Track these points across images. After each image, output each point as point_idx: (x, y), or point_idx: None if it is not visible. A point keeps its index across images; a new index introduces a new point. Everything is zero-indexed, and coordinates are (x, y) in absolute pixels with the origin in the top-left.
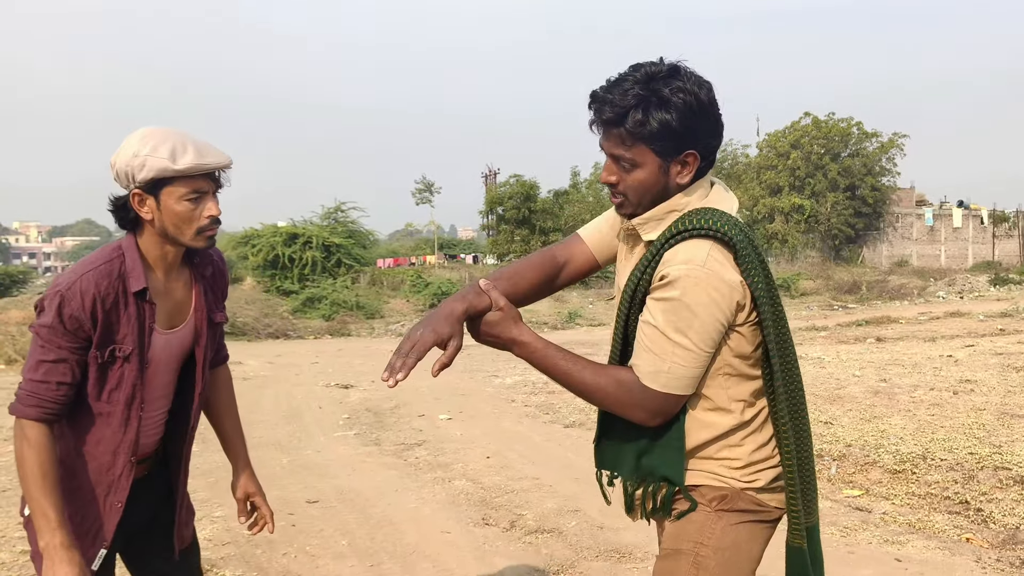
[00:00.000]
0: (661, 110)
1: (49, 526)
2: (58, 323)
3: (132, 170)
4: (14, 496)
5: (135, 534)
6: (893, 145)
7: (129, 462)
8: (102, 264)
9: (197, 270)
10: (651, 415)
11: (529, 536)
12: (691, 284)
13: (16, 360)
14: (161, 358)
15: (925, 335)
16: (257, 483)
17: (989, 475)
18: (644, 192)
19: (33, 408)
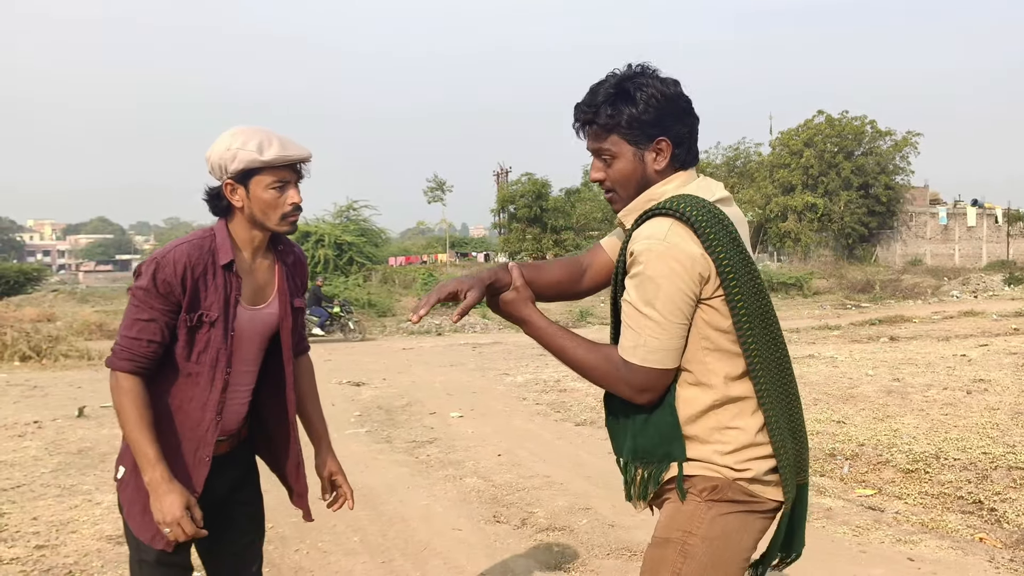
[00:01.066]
0: (627, 103)
1: (150, 463)
2: (152, 286)
3: (225, 162)
4: (29, 492)
5: (212, 507)
6: (907, 143)
7: (215, 419)
8: (195, 240)
9: (281, 256)
10: (636, 390)
11: (540, 534)
12: (653, 257)
13: (30, 357)
14: (246, 331)
15: (939, 334)
16: (338, 463)
17: (1003, 475)
18: (627, 181)
19: (126, 362)
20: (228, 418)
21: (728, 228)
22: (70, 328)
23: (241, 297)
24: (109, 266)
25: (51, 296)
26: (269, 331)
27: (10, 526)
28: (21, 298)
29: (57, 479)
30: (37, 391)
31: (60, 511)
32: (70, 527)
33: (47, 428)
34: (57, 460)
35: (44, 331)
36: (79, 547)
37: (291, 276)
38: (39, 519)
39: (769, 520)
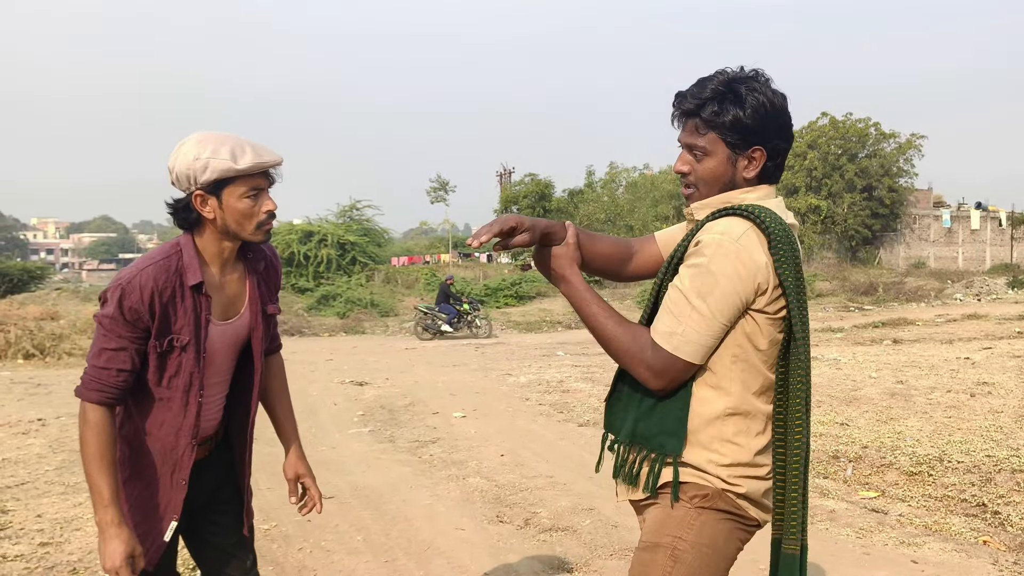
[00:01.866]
0: (735, 105)
1: (102, 503)
2: (119, 314)
3: (194, 172)
4: (33, 489)
5: (195, 512)
6: (911, 146)
7: (190, 443)
8: (161, 260)
9: (250, 264)
10: (655, 375)
11: (543, 534)
12: (720, 253)
13: (34, 355)
14: (218, 347)
15: (942, 337)
16: (307, 465)
17: (1007, 478)
18: (713, 182)
19: (95, 392)
20: (205, 424)
21: (796, 251)
22: (73, 326)
23: (212, 315)
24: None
25: (54, 294)
26: (241, 341)
27: (14, 523)
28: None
29: (61, 476)
30: (41, 389)
31: (64, 508)
32: (74, 524)
33: (51, 426)
34: (61, 458)
35: (47, 329)
36: (83, 544)
37: (263, 283)
38: (43, 516)
39: (750, 534)
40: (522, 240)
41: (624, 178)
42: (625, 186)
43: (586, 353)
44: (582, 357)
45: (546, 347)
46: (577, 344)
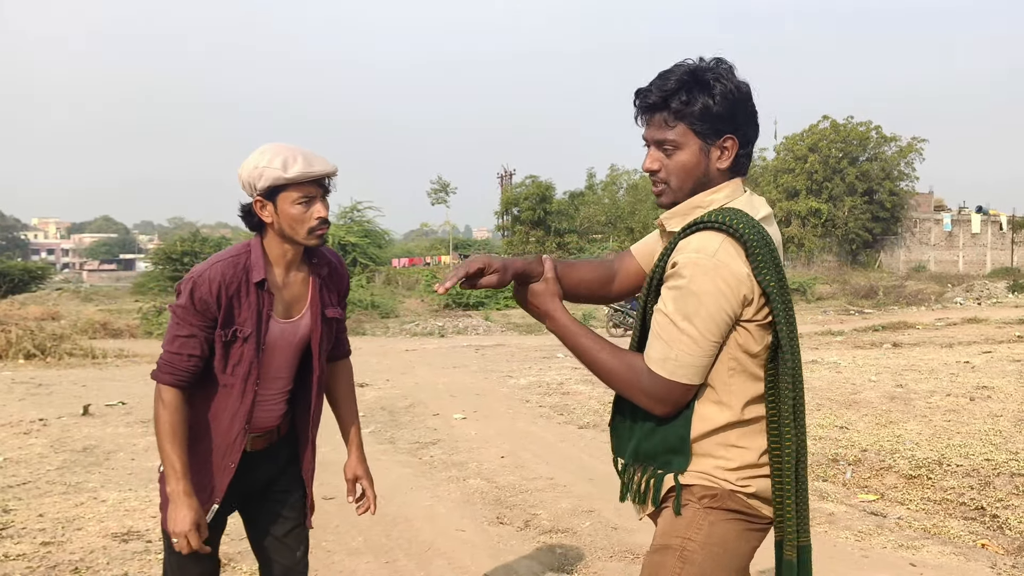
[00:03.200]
0: (704, 93)
1: (175, 475)
2: (190, 304)
3: (253, 180)
4: (34, 489)
5: (252, 499)
6: (912, 149)
7: (243, 429)
8: (230, 257)
9: (314, 269)
10: (656, 402)
11: (544, 535)
12: (699, 272)
13: (35, 355)
14: (278, 343)
15: (942, 341)
16: (366, 468)
17: (1005, 481)
18: (686, 176)
19: (168, 375)
20: (261, 418)
21: (773, 252)
22: (74, 327)
23: (274, 312)
24: (113, 265)
25: (55, 294)
26: (302, 342)
27: (16, 522)
28: (25, 296)
29: (63, 476)
30: (42, 389)
31: (66, 508)
32: (76, 524)
33: (52, 426)
34: (62, 457)
35: (48, 329)
36: (85, 544)
37: (325, 288)
38: (45, 516)
39: (766, 532)
40: (490, 281)
41: (625, 180)
42: (626, 188)
43: None
44: None
45: (546, 349)
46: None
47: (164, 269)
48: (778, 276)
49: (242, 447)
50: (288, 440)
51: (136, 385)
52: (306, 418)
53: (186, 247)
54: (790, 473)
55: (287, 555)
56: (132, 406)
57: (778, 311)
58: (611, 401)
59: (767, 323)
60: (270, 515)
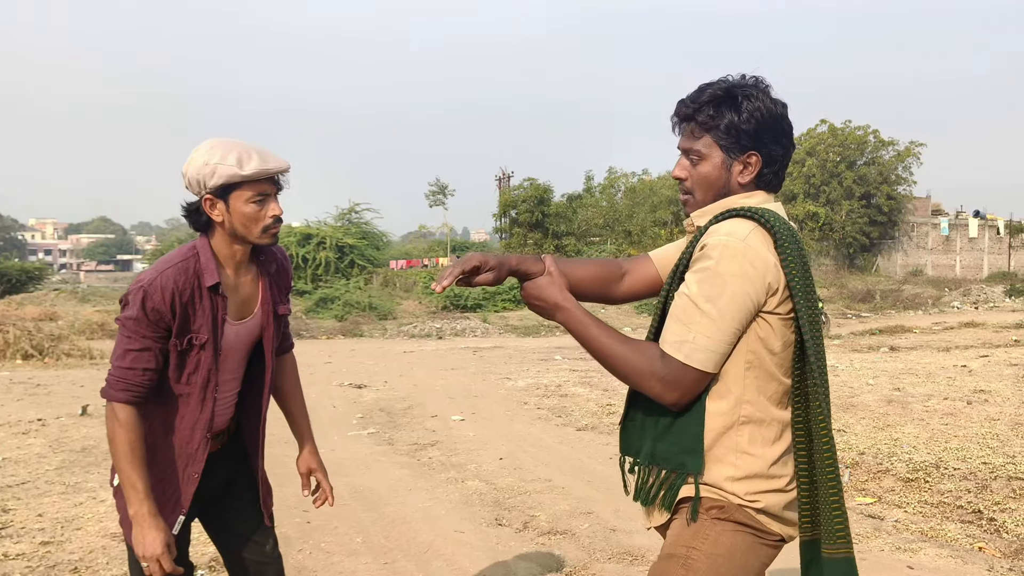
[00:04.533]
0: (731, 109)
1: (138, 496)
2: (142, 315)
3: (203, 177)
4: (33, 488)
5: (212, 502)
6: (910, 154)
7: (205, 437)
8: (179, 262)
9: (263, 267)
10: (668, 387)
11: (542, 537)
12: (728, 254)
13: (32, 355)
14: (232, 346)
15: (939, 345)
16: (319, 460)
17: (1003, 485)
18: (708, 186)
19: (122, 392)
20: (218, 419)
21: (801, 249)
22: (72, 327)
23: (227, 314)
24: (110, 266)
25: (52, 295)
26: (253, 340)
27: (15, 522)
28: (23, 296)
29: (61, 476)
30: (40, 389)
31: (65, 508)
32: (75, 524)
33: (51, 426)
34: (61, 458)
35: (46, 330)
36: (84, 544)
37: (274, 285)
38: (44, 516)
39: (776, 550)
40: (486, 279)
41: (623, 183)
42: (624, 191)
43: (584, 358)
44: (580, 361)
45: (544, 351)
46: (575, 348)
47: None
48: (804, 272)
49: (205, 456)
50: (238, 437)
51: None
52: (256, 418)
53: None
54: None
55: (257, 551)
56: None
57: (801, 305)
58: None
59: (789, 318)
60: (231, 514)
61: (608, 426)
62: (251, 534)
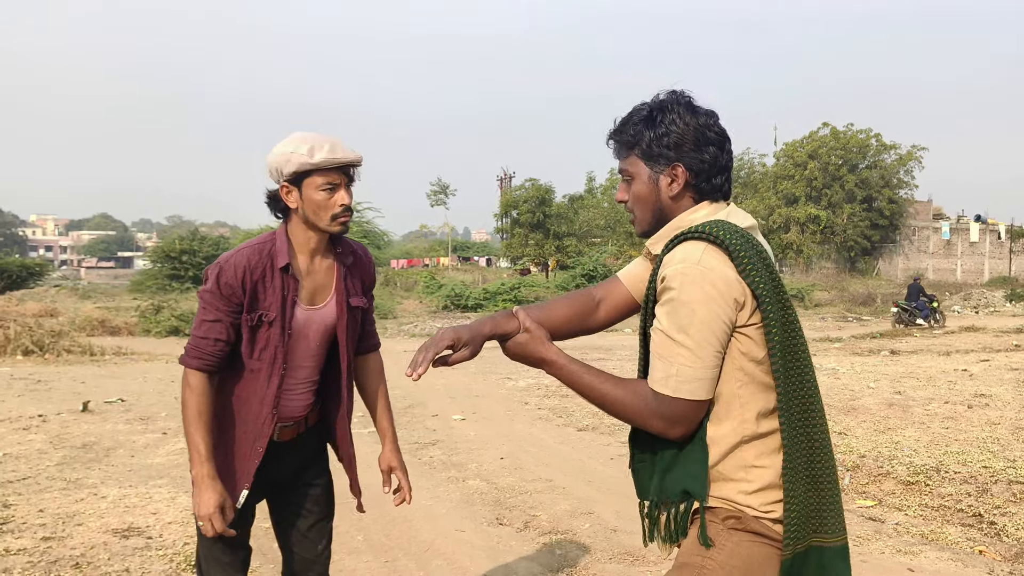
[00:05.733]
0: (648, 126)
1: (199, 458)
2: (216, 289)
3: (280, 166)
4: (34, 484)
5: (279, 491)
6: (911, 158)
7: (271, 413)
8: (257, 244)
9: (339, 258)
10: (668, 423)
11: (543, 537)
12: (687, 281)
13: (33, 351)
14: (303, 330)
15: (940, 349)
16: (401, 459)
17: (1003, 488)
18: (643, 203)
19: (195, 359)
20: (289, 407)
21: (761, 253)
22: (72, 323)
23: (299, 298)
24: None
25: (53, 291)
26: (328, 330)
27: (16, 518)
28: (23, 293)
29: (62, 472)
30: (41, 385)
31: (66, 504)
32: (76, 520)
33: (52, 422)
34: (62, 454)
35: (47, 326)
36: (85, 539)
37: (349, 276)
38: (45, 511)
39: None
40: (463, 356)
41: None
42: None
43: (585, 358)
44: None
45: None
46: (576, 349)
47: (162, 267)
48: (770, 277)
49: (270, 432)
50: (316, 432)
51: (134, 382)
52: (337, 408)
53: (184, 245)
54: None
55: (309, 548)
56: (131, 403)
57: (769, 312)
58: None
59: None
60: (295, 508)
61: (609, 427)
62: (309, 532)
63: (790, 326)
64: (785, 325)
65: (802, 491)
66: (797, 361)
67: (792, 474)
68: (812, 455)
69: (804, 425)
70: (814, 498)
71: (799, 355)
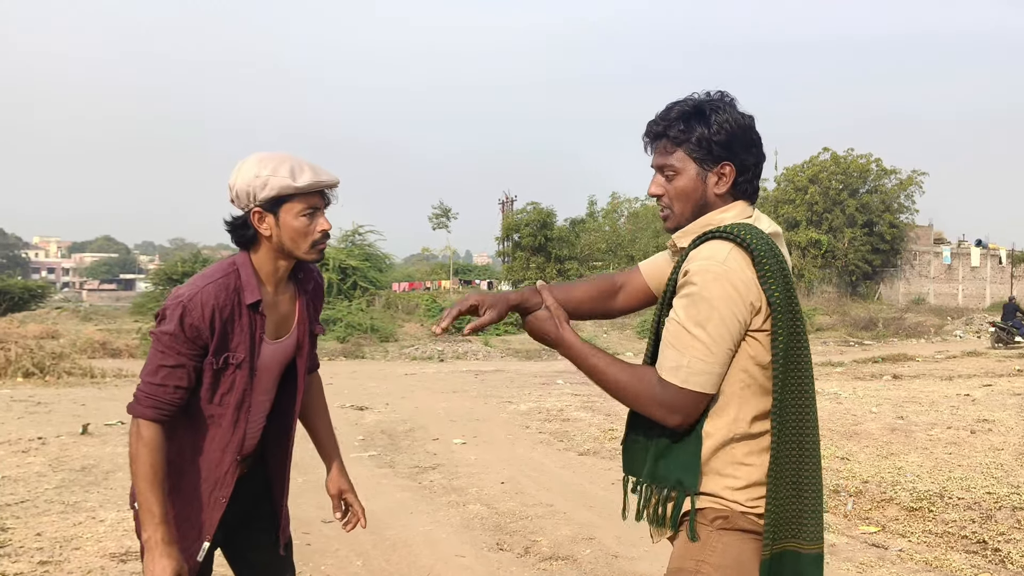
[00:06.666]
0: (700, 123)
1: (153, 521)
2: (179, 331)
3: (254, 190)
4: (32, 507)
5: (233, 528)
6: (912, 182)
7: (235, 460)
8: (220, 278)
9: (301, 285)
10: (670, 412)
11: (544, 562)
12: (710, 278)
13: (33, 373)
14: (267, 365)
15: (942, 373)
16: (349, 481)
17: (1007, 515)
18: (686, 200)
19: (150, 409)
20: (248, 442)
21: (781, 263)
22: (73, 346)
23: (265, 333)
24: (113, 285)
25: (55, 313)
26: (287, 360)
27: (14, 541)
28: (25, 314)
29: (61, 495)
30: (41, 407)
31: (64, 527)
32: (74, 543)
33: (51, 444)
34: (61, 476)
35: (48, 348)
36: (83, 564)
37: (311, 304)
38: (43, 535)
39: None
40: (488, 319)
41: (626, 208)
42: (627, 216)
43: (586, 382)
44: (582, 386)
45: (546, 375)
46: (577, 373)
47: (164, 290)
48: (785, 287)
49: (234, 480)
50: (263, 461)
51: None
52: (285, 438)
53: (187, 268)
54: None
55: None
56: None
57: (779, 320)
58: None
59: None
60: (252, 544)
61: (610, 451)
62: (269, 564)
63: (797, 336)
64: (792, 335)
65: (785, 495)
66: (798, 371)
67: (777, 477)
68: (801, 462)
69: (797, 433)
70: (795, 504)
71: (801, 365)
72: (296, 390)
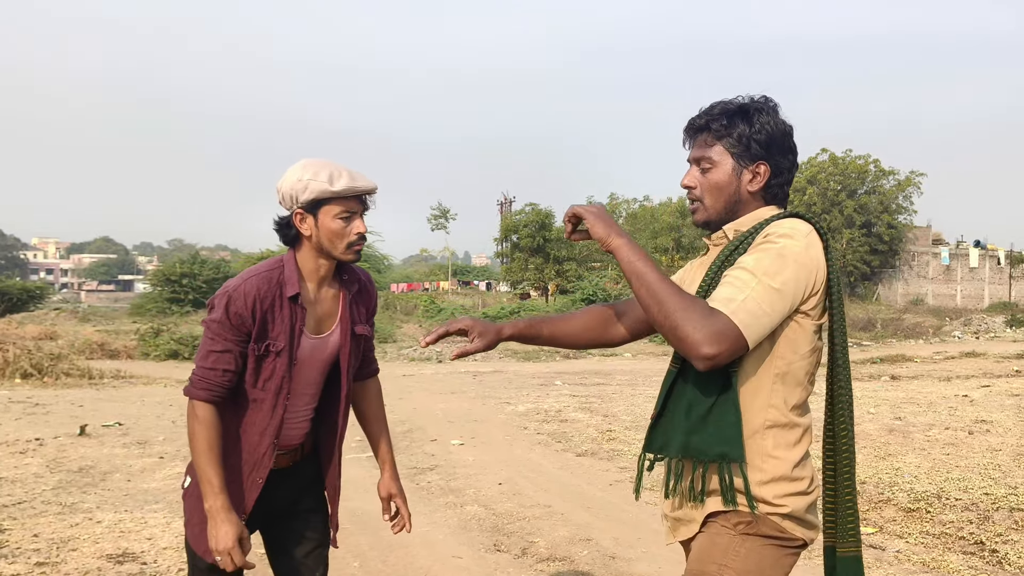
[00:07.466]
0: (743, 121)
1: (213, 491)
2: (225, 318)
3: (296, 192)
4: (30, 509)
5: (275, 518)
6: (910, 183)
7: (272, 444)
8: (264, 272)
9: (345, 286)
10: (706, 339)
11: (541, 564)
12: (792, 242)
13: (31, 374)
14: (307, 359)
15: (940, 374)
16: (399, 486)
17: (1005, 516)
18: (718, 193)
19: (203, 391)
20: (287, 435)
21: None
22: (72, 347)
23: (305, 327)
24: (111, 286)
25: (53, 314)
26: (331, 357)
27: (11, 542)
28: (23, 315)
29: (58, 496)
30: (39, 408)
31: (61, 529)
32: (71, 545)
33: (48, 445)
34: (58, 478)
35: (46, 349)
36: (80, 565)
37: (355, 304)
38: (40, 536)
39: (797, 556)
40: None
41: (624, 209)
42: (625, 217)
43: (584, 384)
44: (580, 387)
45: (544, 376)
46: (575, 374)
47: (162, 291)
48: (839, 281)
49: (271, 462)
50: (312, 459)
51: (132, 406)
52: (331, 436)
53: (185, 269)
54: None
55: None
56: (129, 427)
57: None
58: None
59: (818, 323)
60: (291, 536)
61: (608, 452)
62: (306, 559)
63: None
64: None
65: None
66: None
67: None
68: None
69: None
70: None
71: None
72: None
